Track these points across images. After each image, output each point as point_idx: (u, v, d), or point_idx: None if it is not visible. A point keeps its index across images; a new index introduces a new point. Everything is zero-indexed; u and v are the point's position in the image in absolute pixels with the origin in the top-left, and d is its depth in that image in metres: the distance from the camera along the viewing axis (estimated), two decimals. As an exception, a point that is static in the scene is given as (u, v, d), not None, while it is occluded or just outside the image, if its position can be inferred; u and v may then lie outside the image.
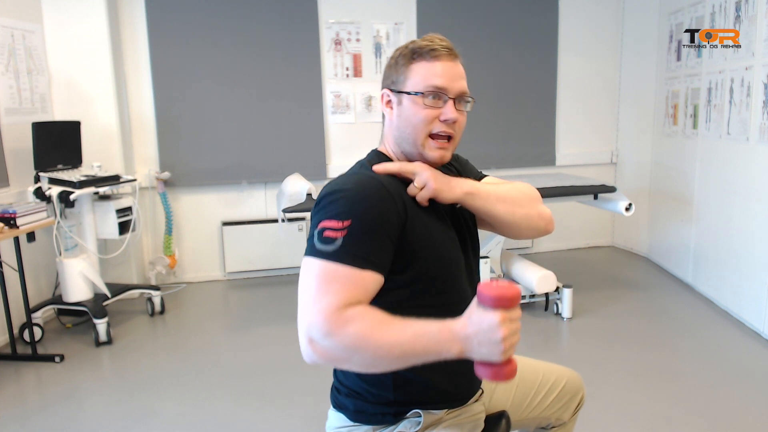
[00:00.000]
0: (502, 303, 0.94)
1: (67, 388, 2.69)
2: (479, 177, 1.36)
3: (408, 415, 1.17)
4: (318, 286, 0.99)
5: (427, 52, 1.14)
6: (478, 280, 1.29)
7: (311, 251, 1.03)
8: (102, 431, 2.33)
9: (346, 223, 1.02)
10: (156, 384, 2.71)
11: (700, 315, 3.42)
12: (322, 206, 1.07)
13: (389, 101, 1.19)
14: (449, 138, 1.16)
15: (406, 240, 1.09)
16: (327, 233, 1.02)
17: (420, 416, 1.16)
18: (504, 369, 0.96)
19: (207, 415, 2.42)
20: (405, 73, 1.16)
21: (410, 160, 1.19)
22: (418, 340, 0.95)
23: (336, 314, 0.96)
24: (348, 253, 1.00)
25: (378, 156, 1.23)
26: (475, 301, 0.98)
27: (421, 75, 1.14)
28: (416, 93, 1.14)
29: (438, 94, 1.13)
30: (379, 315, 0.98)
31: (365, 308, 0.99)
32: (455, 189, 1.16)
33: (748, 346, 2.96)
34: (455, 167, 1.35)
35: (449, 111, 1.14)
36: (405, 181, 1.16)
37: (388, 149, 1.23)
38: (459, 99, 1.16)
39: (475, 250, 1.30)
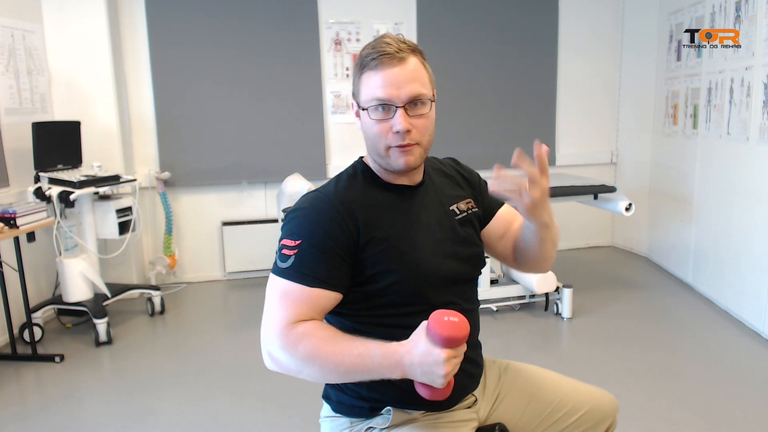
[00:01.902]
0: (451, 344, 0.97)
1: (67, 388, 2.69)
2: (499, 204, 1.34)
3: (382, 411, 1.18)
4: (273, 301, 1.06)
5: (370, 61, 1.09)
6: (471, 288, 1.27)
7: (273, 267, 1.09)
8: (102, 431, 2.33)
9: (298, 242, 1.07)
10: (156, 384, 2.71)
11: (700, 315, 3.42)
12: (284, 223, 1.13)
13: (357, 111, 1.16)
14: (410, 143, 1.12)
15: (363, 255, 1.11)
16: (283, 251, 1.09)
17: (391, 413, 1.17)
18: (441, 391, 1.01)
19: (207, 415, 2.42)
20: (358, 85, 1.13)
21: (383, 168, 1.18)
22: (362, 362, 1.00)
23: (287, 329, 1.03)
24: (298, 272, 1.06)
25: (354, 168, 1.22)
26: (423, 328, 1.00)
27: (368, 87, 1.10)
28: (364, 109, 1.11)
29: (384, 106, 1.09)
30: (328, 332, 1.04)
31: (315, 325, 1.04)
32: (547, 213, 1.17)
33: (748, 346, 2.96)
34: (463, 176, 1.32)
35: (398, 122, 1.08)
36: (374, 193, 1.16)
37: (368, 156, 1.22)
38: (413, 104, 1.09)
39: (468, 260, 1.24)
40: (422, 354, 0.97)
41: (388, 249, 1.12)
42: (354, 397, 1.19)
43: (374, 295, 1.13)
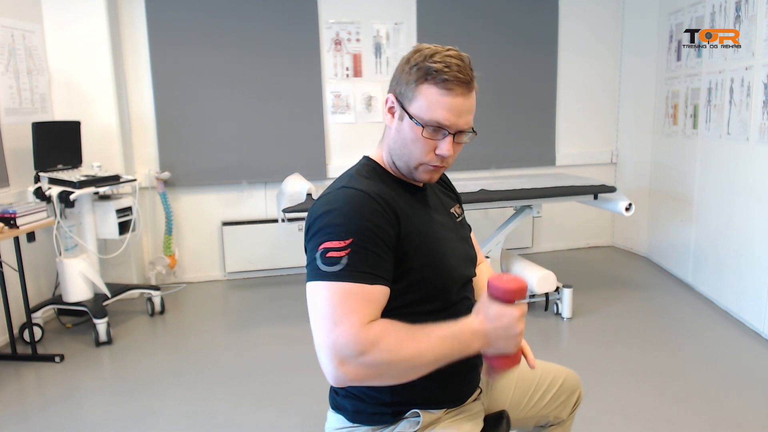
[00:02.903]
0: (520, 295, 1.01)
1: (67, 388, 2.69)
2: (470, 228, 1.42)
3: (407, 415, 1.17)
4: (334, 308, 0.98)
5: (442, 80, 1.07)
6: (471, 289, 1.30)
7: (317, 275, 1.01)
8: (102, 431, 2.33)
9: (348, 241, 1.01)
10: (156, 384, 2.71)
11: (700, 315, 3.42)
12: (317, 228, 1.05)
13: (392, 108, 1.15)
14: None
15: (402, 249, 1.09)
16: (330, 254, 1.01)
17: (419, 416, 1.16)
18: (516, 357, 1.06)
19: (207, 415, 2.42)
20: (413, 91, 1.10)
21: (400, 173, 1.19)
22: (443, 344, 1.00)
23: (363, 332, 0.97)
24: (356, 271, 1.00)
25: (367, 165, 1.21)
26: (485, 297, 1.02)
27: (428, 103, 1.08)
28: (417, 123, 1.10)
29: (438, 128, 1.10)
30: (402, 327, 1.01)
31: (387, 323, 1.01)
32: None
33: (748, 346, 2.96)
34: (448, 185, 1.40)
35: (445, 147, 1.11)
36: (394, 191, 1.16)
37: (382, 156, 1.21)
38: (460, 132, 1.12)
39: (473, 260, 1.31)
40: (495, 317, 1.00)
41: (423, 244, 1.12)
42: (375, 404, 1.17)
43: (404, 292, 1.11)
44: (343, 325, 0.97)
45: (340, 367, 0.96)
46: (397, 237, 1.07)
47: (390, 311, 1.09)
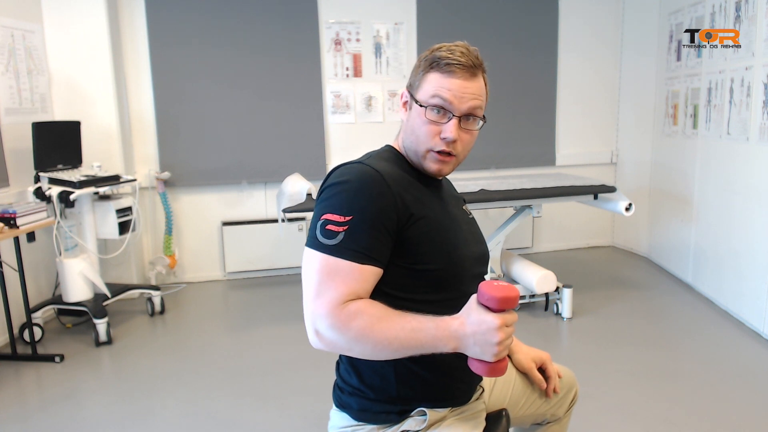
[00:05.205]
0: (507, 304, 0.97)
1: (67, 388, 2.69)
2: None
3: (413, 413, 1.17)
4: (320, 279, 1.03)
5: (444, 64, 1.12)
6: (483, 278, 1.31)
7: (313, 243, 1.06)
8: (102, 431, 2.33)
9: (348, 218, 1.05)
10: (156, 384, 2.71)
11: (700, 315, 3.42)
12: (325, 197, 1.10)
13: (406, 102, 1.20)
14: (450, 153, 1.16)
15: (409, 236, 1.10)
16: (329, 227, 1.05)
17: (425, 414, 1.16)
18: (497, 366, 1.01)
19: (207, 415, 2.42)
20: (420, 80, 1.16)
21: (413, 164, 1.21)
22: (415, 336, 1.00)
23: (338, 309, 1.01)
24: (349, 249, 1.04)
25: (389, 151, 1.24)
26: (473, 300, 1.01)
27: (432, 87, 1.13)
28: (422, 105, 1.14)
29: (442, 109, 1.12)
30: (380, 310, 1.03)
31: (366, 303, 1.03)
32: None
33: (748, 346, 2.96)
34: (453, 186, 1.40)
35: (449, 130, 1.13)
36: (411, 177, 1.18)
37: (400, 146, 1.25)
38: (466, 117, 1.14)
39: (485, 256, 1.31)
40: (475, 323, 0.98)
41: (434, 230, 1.14)
42: (381, 401, 1.17)
43: (415, 276, 1.12)
44: (323, 297, 1.02)
45: (315, 335, 1.04)
46: (400, 222, 1.09)
47: (398, 298, 1.10)
